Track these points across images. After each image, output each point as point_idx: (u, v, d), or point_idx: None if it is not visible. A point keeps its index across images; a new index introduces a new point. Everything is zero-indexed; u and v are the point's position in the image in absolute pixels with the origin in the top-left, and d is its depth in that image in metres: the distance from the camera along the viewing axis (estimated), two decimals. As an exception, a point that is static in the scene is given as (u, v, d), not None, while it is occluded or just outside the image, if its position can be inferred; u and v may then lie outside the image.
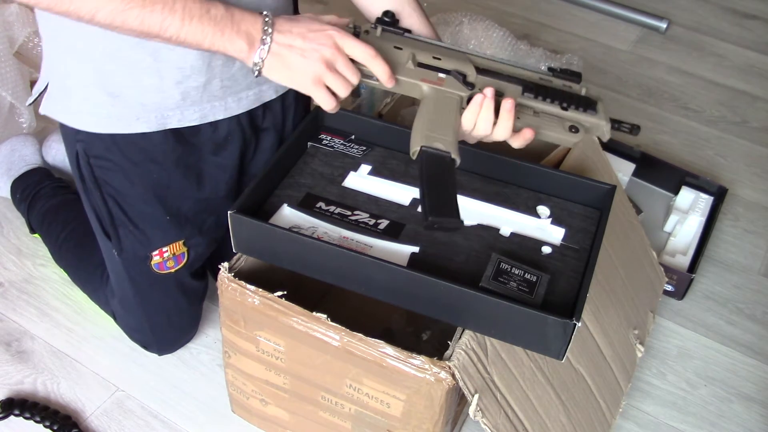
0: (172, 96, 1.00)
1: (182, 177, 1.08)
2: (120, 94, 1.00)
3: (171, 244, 1.12)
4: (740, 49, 2.17)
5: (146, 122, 1.02)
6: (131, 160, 1.05)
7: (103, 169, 1.06)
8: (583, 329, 1.08)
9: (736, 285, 1.49)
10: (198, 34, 0.85)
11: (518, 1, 2.27)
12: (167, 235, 1.11)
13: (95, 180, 1.07)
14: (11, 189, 1.46)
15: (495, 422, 0.93)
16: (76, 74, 1.00)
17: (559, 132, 0.92)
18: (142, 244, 1.11)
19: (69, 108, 1.03)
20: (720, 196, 1.61)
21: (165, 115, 1.02)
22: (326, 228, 0.97)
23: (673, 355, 1.35)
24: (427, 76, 0.93)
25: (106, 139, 1.03)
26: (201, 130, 1.06)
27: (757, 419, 1.27)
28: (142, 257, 1.12)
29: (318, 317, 0.94)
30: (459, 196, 1.03)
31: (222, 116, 1.06)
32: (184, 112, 1.03)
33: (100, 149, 1.05)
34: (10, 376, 1.23)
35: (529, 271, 0.94)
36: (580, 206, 1.06)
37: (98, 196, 1.08)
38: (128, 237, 1.10)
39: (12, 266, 1.40)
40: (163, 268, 1.13)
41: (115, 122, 1.02)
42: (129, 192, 1.07)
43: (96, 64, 0.98)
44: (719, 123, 1.90)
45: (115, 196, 1.08)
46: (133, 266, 1.13)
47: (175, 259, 1.13)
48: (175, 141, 1.05)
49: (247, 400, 1.13)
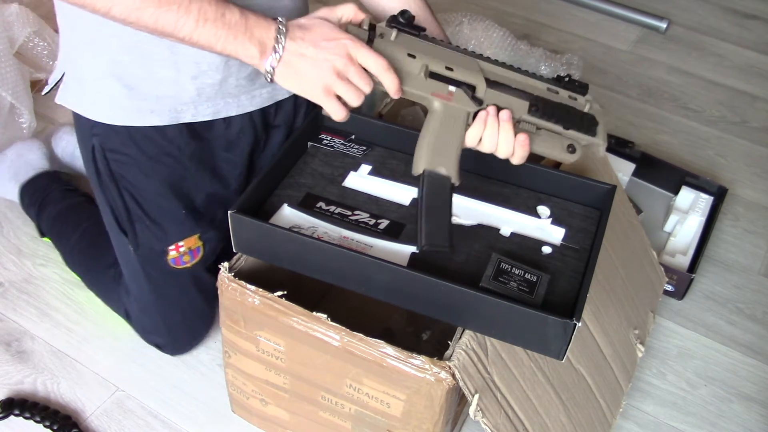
0: (187, 90, 1.01)
1: (196, 171, 1.09)
2: (135, 86, 1.00)
3: (187, 238, 1.12)
4: (740, 49, 2.17)
5: (159, 116, 1.02)
6: (147, 154, 1.05)
7: (119, 163, 1.07)
8: (583, 329, 1.08)
9: (736, 285, 1.49)
10: (211, 36, 0.85)
11: (518, 1, 2.27)
12: (183, 228, 1.11)
13: (111, 174, 1.08)
14: (20, 194, 1.46)
15: (495, 422, 0.93)
16: (92, 65, 1.00)
17: (558, 151, 0.94)
18: (158, 239, 1.11)
19: (84, 99, 1.04)
20: (720, 196, 1.61)
21: (179, 109, 1.03)
22: (326, 228, 0.97)
23: (673, 355, 1.35)
24: (437, 89, 0.92)
25: (122, 133, 1.04)
26: (214, 126, 1.07)
27: (757, 419, 1.27)
28: (159, 252, 1.12)
29: (318, 317, 0.94)
30: (459, 196, 1.04)
31: (235, 113, 1.07)
32: (198, 107, 1.03)
33: (116, 143, 1.05)
34: (10, 376, 1.23)
35: (530, 271, 0.94)
36: (580, 206, 1.06)
37: (115, 191, 1.09)
38: (145, 232, 1.11)
39: (12, 266, 1.40)
40: (179, 263, 1.14)
41: (129, 114, 1.02)
42: (145, 186, 1.08)
43: (113, 56, 0.98)
44: (719, 123, 1.90)
45: (131, 191, 1.08)
46: (149, 262, 1.13)
47: (191, 254, 1.14)
48: (189, 136, 1.06)
49: (247, 400, 1.13)
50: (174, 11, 0.83)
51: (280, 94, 1.10)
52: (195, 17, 0.84)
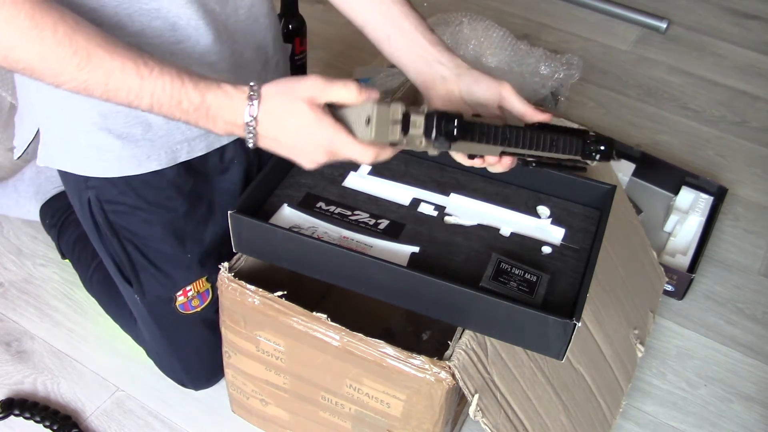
0: (179, 127, 0.98)
1: (196, 209, 1.06)
2: (127, 135, 0.96)
3: (194, 282, 1.09)
4: (740, 49, 2.17)
5: (157, 159, 0.99)
6: (147, 201, 1.02)
7: (118, 214, 1.03)
8: (583, 329, 1.08)
9: (736, 285, 1.49)
10: (172, 117, 0.80)
11: (518, 1, 2.27)
12: (190, 273, 1.08)
13: (111, 226, 1.04)
14: (41, 213, 1.41)
15: (495, 422, 0.93)
16: (79, 120, 0.95)
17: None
18: (164, 287, 1.08)
19: (73, 155, 0.99)
20: (720, 196, 1.61)
21: (174, 149, 1.00)
22: (326, 228, 0.97)
23: (673, 355, 1.35)
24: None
25: (119, 183, 1.00)
26: (209, 159, 1.05)
27: (757, 419, 1.27)
28: (166, 300, 1.09)
29: (318, 317, 0.94)
30: (460, 196, 1.05)
31: (226, 141, 1.05)
32: (191, 143, 1.01)
33: (114, 194, 1.02)
34: (10, 376, 1.23)
35: (529, 271, 0.94)
36: (580, 206, 1.06)
37: (116, 242, 1.05)
38: (150, 280, 1.07)
39: (12, 266, 1.40)
40: (188, 308, 1.10)
41: (125, 164, 0.99)
42: (147, 234, 1.05)
43: (100, 108, 0.94)
44: (719, 123, 1.90)
45: (133, 240, 1.05)
46: (157, 309, 1.10)
47: (199, 297, 1.10)
48: (186, 174, 1.03)
49: (247, 400, 1.13)
50: (123, 97, 0.78)
51: None
52: (148, 103, 0.78)
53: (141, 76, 0.77)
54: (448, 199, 1.05)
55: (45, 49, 0.74)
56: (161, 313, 1.11)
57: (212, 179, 1.08)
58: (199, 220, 1.07)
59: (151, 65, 0.78)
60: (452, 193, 1.05)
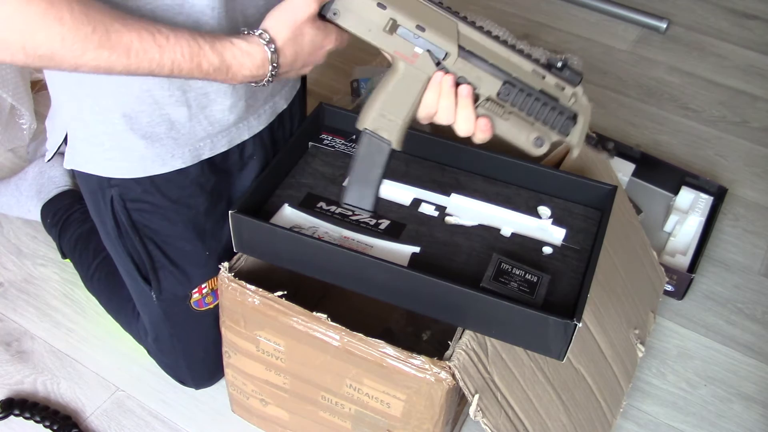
0: (201, 124, 0.98)
1: (216, 206, 1.07)
2: (151, 135, 0.96)
3: (209, 280, 1.10)
4: (740, 49, 2.17)
5: (181, 157, 0.99)
6: (170, 199, 1.02)
7: (141, 212, 1.03)
8: (583, 329, 1.08)
9: (736, 285, 1.49)
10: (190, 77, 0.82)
11: (518, 1, 2.27)
12: (207, 271, 1.09)
13: (133, 224, 1.04)
14: (42, 213, 1.41)
15: (495, 422, 0.93)
16: (102, 122, 0.95)
17: (522, 140, 0.87)
18: (182, 284, 1.08)
19: (97, 157, 0.98)
20: (720, 196, 1.61)
21: (197, 146, 1.00)
22: (327, 228, 0.97)
23: (673, 355, 1.35)
24: (401, 48, 0.85)
25: (143, 181, 1.00)
26: (229, 155, 1.05)
27: (757, 419, 1.27)
28: (182, 297, 1.09)
29: (318, 317, 0.93)
30: (460, 197, 1.04)
31: (247, 136, 1.05)
32: (213, 140, 1.01)
33: (137, 192, 1.01)
34: (10, 376, 1.23)
35: (530, 271, 0.94)
36: (581, 207, 1.06)
37: (137, 241, 1.05)
38: (168, 278, 1.07)
39: (12, 266, 1.40)
40: (202, 305, 1.11)
41: (150, 164, 0.98)
42: (169, 232, 1.05)
43: (123, 109, 0.93)
44: (719, 123, 1.90)
45: (154, 238, 1.05)
46: (171, 307, 1.10)
47: (213, 294, 1.11)
48: (209, 171, 1.03)
49: (247, 399, 1.13)
50: (146, 68, 0.78)
51: (280, 105, 1.08)
52: (169, 69, 0.79)
53: (159, 45, 0.78)
54: (448, 199, 1.05)
55: (65, 30, 0.72)
56: (175, 310, 1.11)
57: (232, 176, 1.08)
58: (218, 218, 1.08)
59: (165, 33, 0.79)
60: (453, 194, 1.05)
